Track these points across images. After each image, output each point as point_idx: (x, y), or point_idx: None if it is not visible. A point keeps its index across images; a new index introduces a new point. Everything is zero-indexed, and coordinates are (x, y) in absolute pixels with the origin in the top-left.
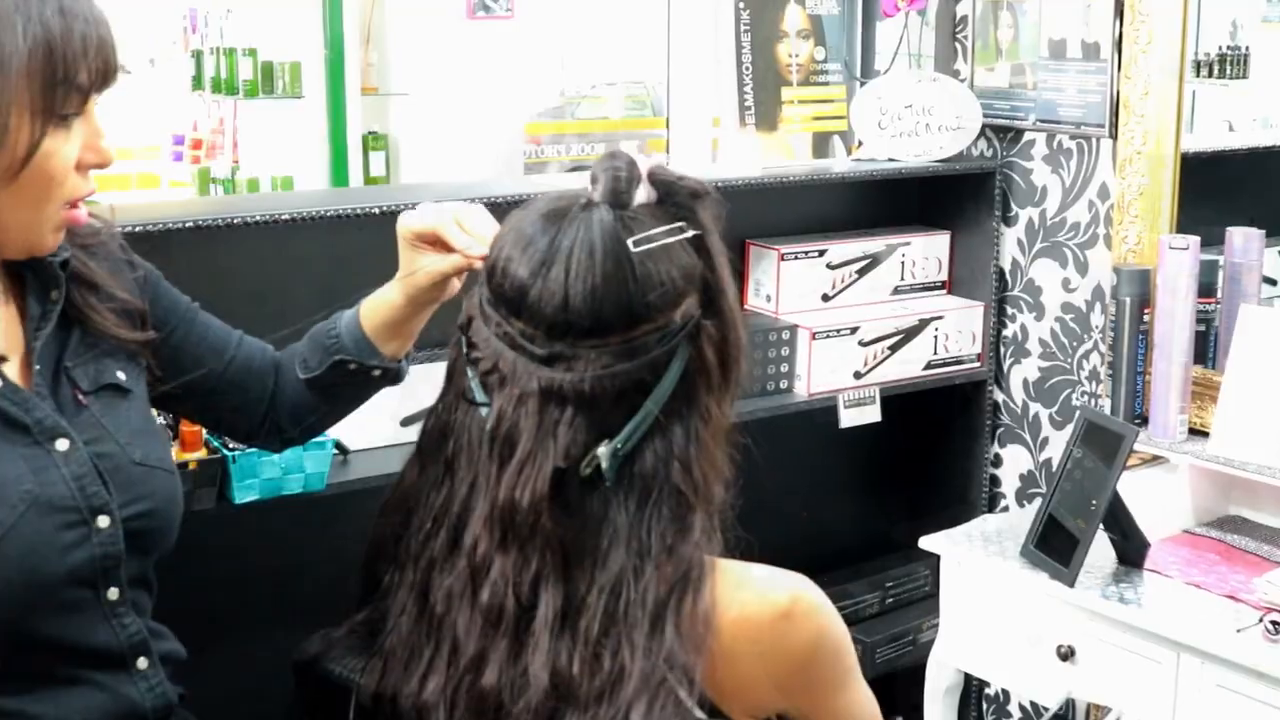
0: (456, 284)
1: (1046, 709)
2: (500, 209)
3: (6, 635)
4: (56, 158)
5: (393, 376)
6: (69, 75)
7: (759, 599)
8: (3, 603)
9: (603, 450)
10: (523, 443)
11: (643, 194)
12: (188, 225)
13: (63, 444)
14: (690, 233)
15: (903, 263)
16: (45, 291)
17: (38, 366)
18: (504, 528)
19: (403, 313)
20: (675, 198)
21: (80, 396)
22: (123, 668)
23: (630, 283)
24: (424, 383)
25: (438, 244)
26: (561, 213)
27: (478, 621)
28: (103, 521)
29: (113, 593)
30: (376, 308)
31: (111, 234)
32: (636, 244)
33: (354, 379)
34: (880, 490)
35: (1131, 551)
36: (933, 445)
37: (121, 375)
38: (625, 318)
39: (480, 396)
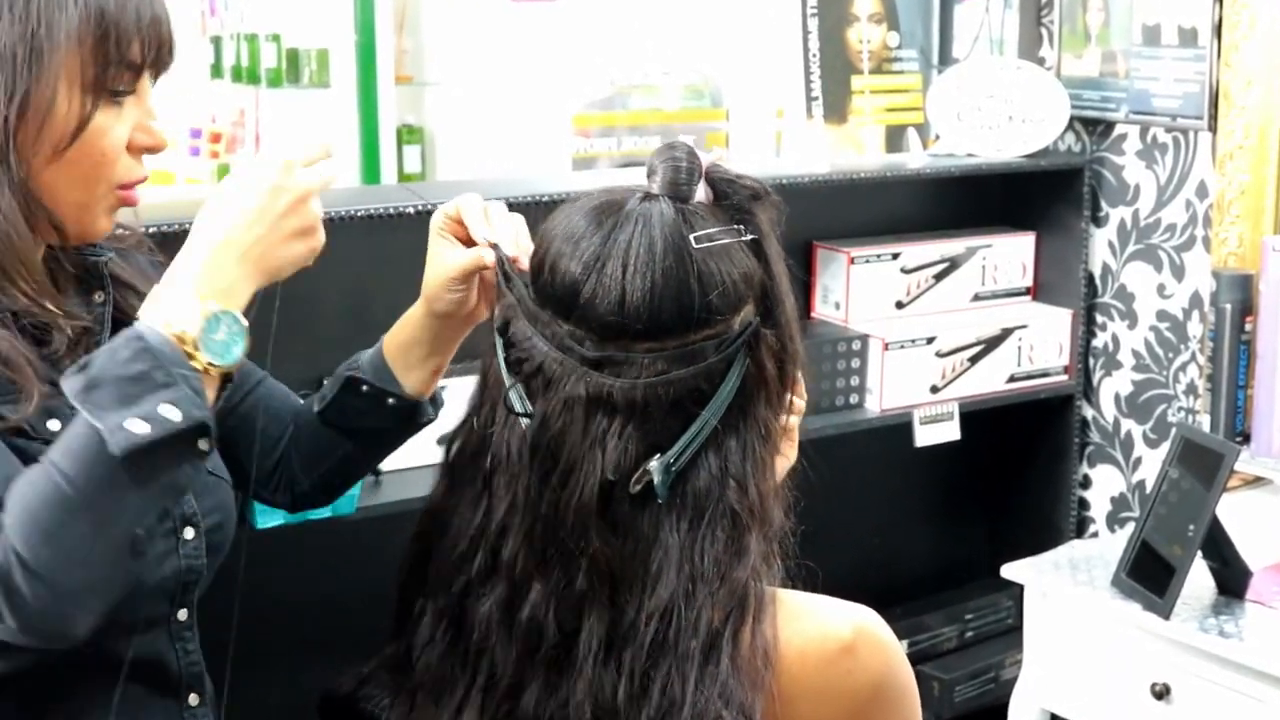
0: (482, 309)
1: None
2: (546, 208)
3: (72, 648)
4: (107, 136)
5: (410, 413)
6: (121, 48)
7: (820, 632)
8: None
9: (655, 465)
10: (566, 452)
11: (700, 192)
12: None
13: None
14: (748, 236)
15: (983, 267)
16: (87, 295)
17: None
18: (545, 545)
19: (424, 329)
20: (733, 198)
21: None
22: (174, 698)
23: (691, 282)
24: (465, 399)
25: (467, 240)
26: (616, 206)
27: (515, 648)
28: (189, 533)
29: (183, 613)
30: (399, 327)
31: (139, 237)
32: (698, 241)
33: (367, 406)
34: (959, 514)
35: (1232, 581)
36: (1016, 465)
37: None
38: (684, 320)
39: (520, 406)
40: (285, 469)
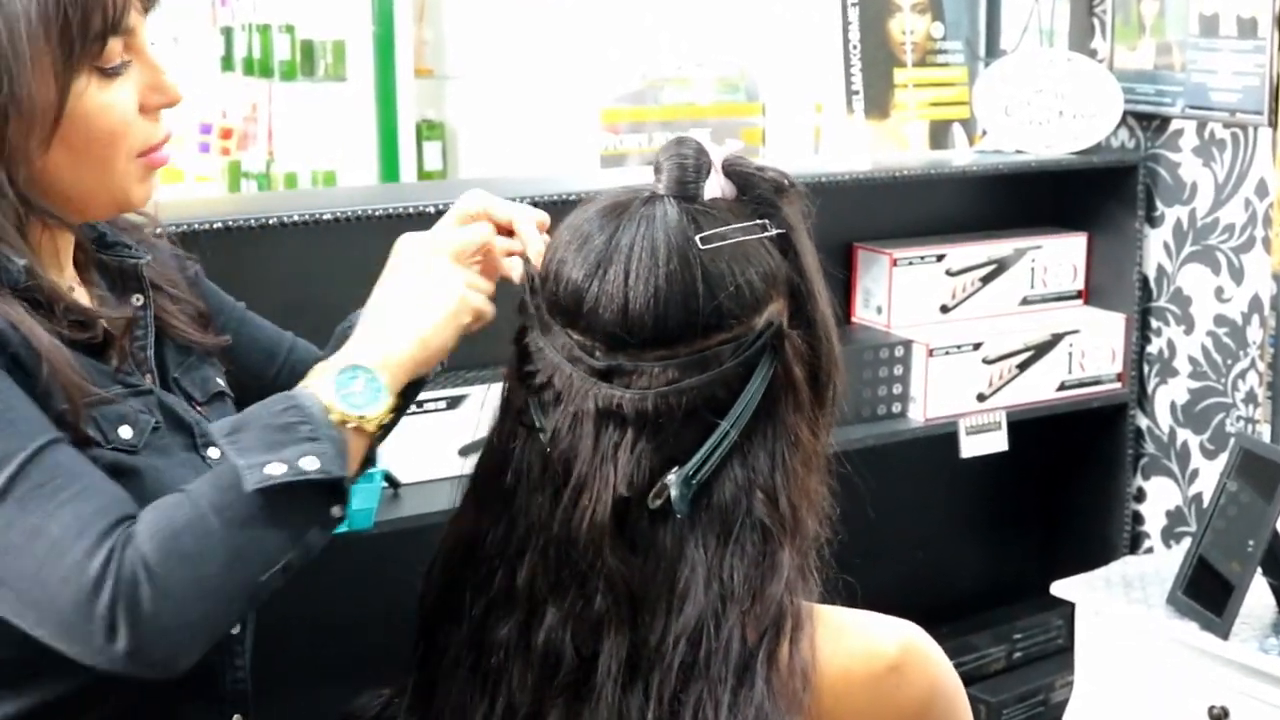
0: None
1: None
2: (572, 208)
3: None
4: (111, 112)
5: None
6: (88, 27)
7: (864, 650)
8: None
9: (672, 478)
10: (577, 469)
11: (718, 188)
12: (216, 226)
13: (214, 452)
14: (773, 231)
15: (1033, 269)
16: (124, 297)
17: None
18: (560, 566)
19: None
20: (755, 191)
21: (198, 407)
22: (218, 716)
23: (698, 285)
24: (488, 408)
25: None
26: (622, 207)
27: (533, 674)
28: None
29: (235, 625)
30: None
31: (157, 231)
32: (705, 241)
33: None
34: (1006, 529)
35: None
36: (1067, 477)
37: (220, 382)
38: (692, 325)
39: (536, 420)
40: None
